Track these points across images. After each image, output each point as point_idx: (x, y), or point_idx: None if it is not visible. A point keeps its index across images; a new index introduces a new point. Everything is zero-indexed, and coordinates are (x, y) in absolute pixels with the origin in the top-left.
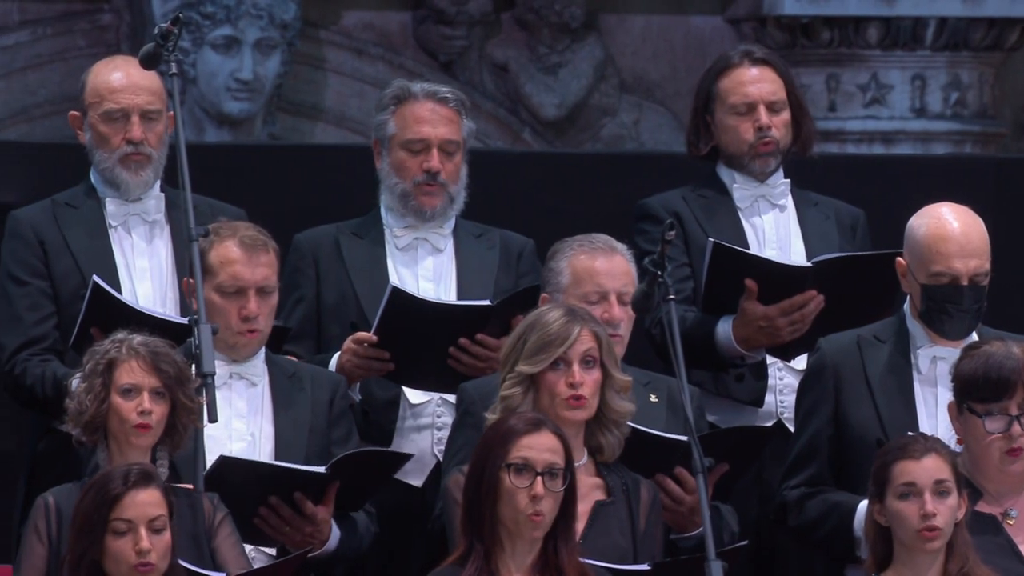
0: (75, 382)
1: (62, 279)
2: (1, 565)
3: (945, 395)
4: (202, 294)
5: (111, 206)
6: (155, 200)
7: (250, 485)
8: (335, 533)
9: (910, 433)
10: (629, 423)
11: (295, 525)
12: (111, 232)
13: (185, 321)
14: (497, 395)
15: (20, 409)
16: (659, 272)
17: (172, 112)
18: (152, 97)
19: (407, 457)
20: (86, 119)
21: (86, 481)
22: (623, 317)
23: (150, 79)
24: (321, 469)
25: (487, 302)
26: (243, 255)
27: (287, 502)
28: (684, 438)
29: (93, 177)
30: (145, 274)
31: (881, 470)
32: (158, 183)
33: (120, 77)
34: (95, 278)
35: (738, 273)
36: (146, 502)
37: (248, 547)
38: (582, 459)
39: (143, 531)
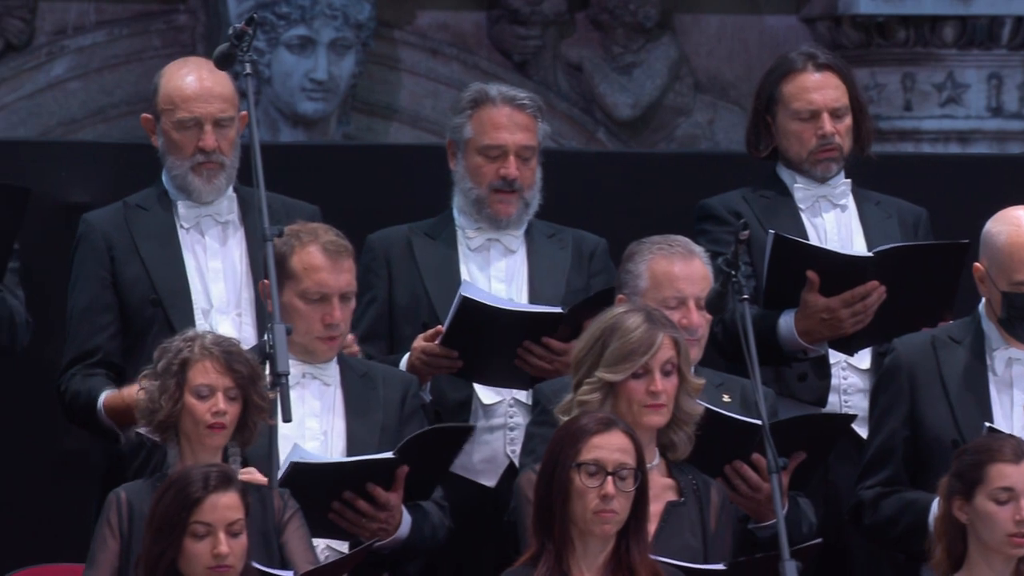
0: (146, 380)
1: (130, 285)
2: (78, 564)
3: (1020, 397)
4: (276, 294)
5: (183, 208)
6: (228, 201)
7: (322, 484)
8: (407, 520)
9: (993, 431)
10: (703, 403)
11: (370, 515)
12: (183, 234)
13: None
14: (567, 393)
15: None
16: (733, 272)
17: (245, 112)
18: (225, 104)
19: (470, 429)
20: (158, 124)
21: (158, 478)
22: (701, 323)
23: (223, 85)
24: (389, 454)
25: (559, 309)
26: (327, 262)
27: (359, 494)
28: (759, 421)
29: (165, 180)
30: (219, 275)
31: (973, 469)
32: (231, 186)
33: (193, 83)
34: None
35: (799, 265)
36: (226, 506)
37: (319, 545)
38: (654, 460)
39: (222, 535)
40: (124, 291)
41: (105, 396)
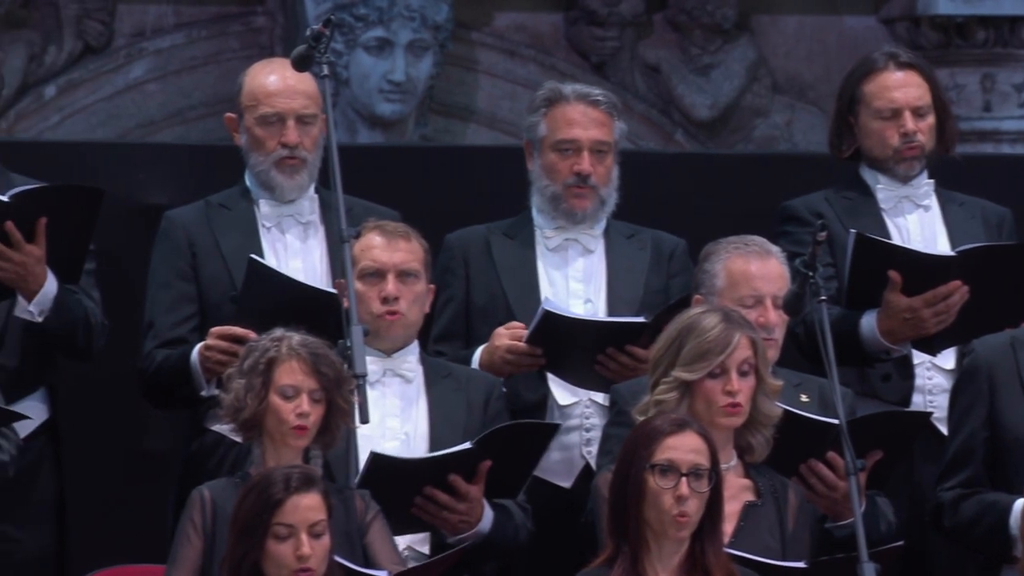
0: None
1: (211, 282)
2: (154, 565)
3: None
4: (354, 295)
5: (265, 207)
6: (309, 201)
7: (403, 479)
8: (488, 514)
9: None
10: (780, 404)
11: (451, 507)
12: (264, 233)
13: (334, 291)
14: (644, 394)
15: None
16: (810, 273)
17: (325, 115)
18: (308, 101)
19: (555, 428)
20: (242, 121)
21: (240, 476)
22: (778, 322)
23: (306, 83)
24: (467, 445)
25: (641, 319)
26: (382, 240)
27: (441, 487)
28: (836, 421)
29: (247, 179)
30: (299, 274)
31: None
32: (312, 185)
33: (276, 80)
34: (251, 256)
35: (881, 264)
36: (307, 507)
37: (401, 546)
38: (731, 461)
39: (304, 536)
40: (204, 287)
41: (201, 344)
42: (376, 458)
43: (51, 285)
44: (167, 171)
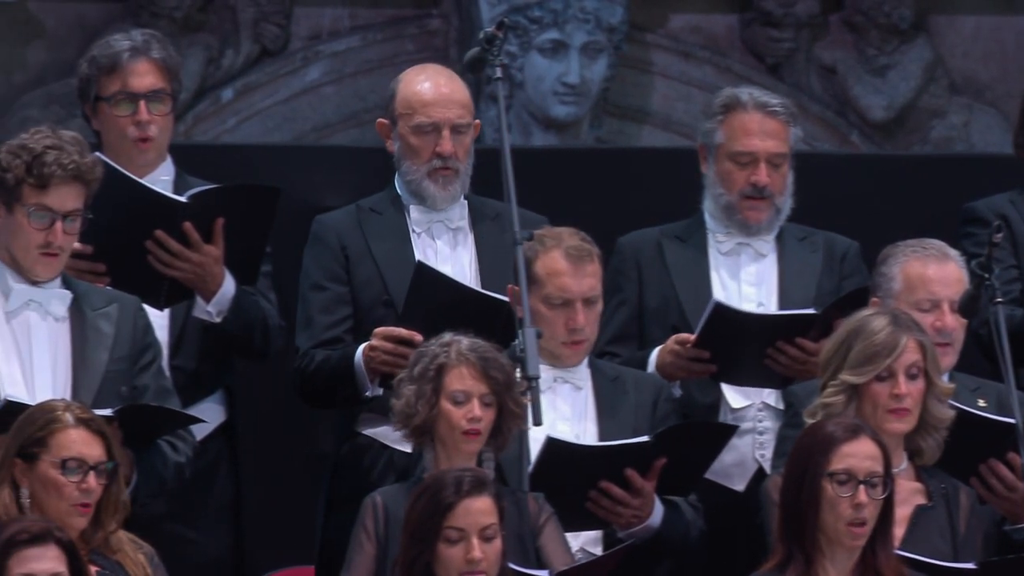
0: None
1: (363, 285)
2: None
3: None
4: (527, 298)
5: (415, 213)
6: (460, 208)
7: (577, 468)
8: (659, 510)
9: None
10: (953, 403)
11: (625, 501)
12: (415, 238)
13: (506, 299)
14: (816, 397)
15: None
16: (986, 275)
17: (478, 121)
18: (462, 111)
19: (733, 429)
20: (395, 128)
21: (413, 482)
22: (955, 326)
23: (461, 92)
24: (645, 438)
25: (811, 310)
26: (570, 267)
27: (615, 481)
28: (1012, 420)
29: (398, 185)
30: None
31: None
32: (463, 192)
33: (431, 89)
34: (419, 261)
35: None
36: (478, 510)
37: (574, 548)
38: (902, 464)
39: (475, 540)
40: (357, 291)
41: (366, 344)
42: (552, 443)
43: (229, 285)
44: (343, 174)
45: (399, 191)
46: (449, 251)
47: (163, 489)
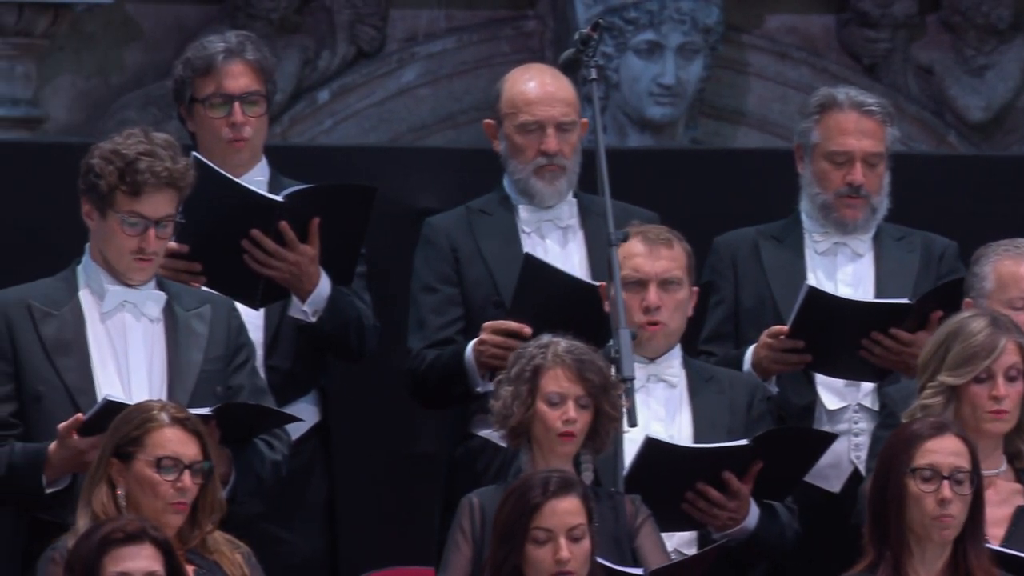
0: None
1: (473, 286)
2: (424, 568)
3: None
4: (621, 299)
5: (524, 213)
6: (568, 206)
7: (674, 469)
8: (754, 511)
9: None
10: None
11: (721, 504)
12: (525, 238)
13: (596, 283)
14: (914, 399)
15: (444, 412)
16: None
17: (585, 120)
18: (567, 108)
19: (833, 438)
20: (501, 128)
21: (509, 483)
22: None
23: (565, 90)
24: (743, 441)
25: (905, 300)
26: (644, 248)
27: (712, 483)
28: None
29: (506, 185)
30: None
31: None
32: (571, 190)
33: (536, 87)
34: (527, 252)
35: None
36: (566, 511)
37: (669, 548)
38: (1001, 466)
39: (562, 540)
40: (468, 292)
41: (475, 340)
42: (651, 443)
43: (325, 285)
44: (438, 175)
45: (508, 191)
46: (559, 249)
47: (261, 487)
